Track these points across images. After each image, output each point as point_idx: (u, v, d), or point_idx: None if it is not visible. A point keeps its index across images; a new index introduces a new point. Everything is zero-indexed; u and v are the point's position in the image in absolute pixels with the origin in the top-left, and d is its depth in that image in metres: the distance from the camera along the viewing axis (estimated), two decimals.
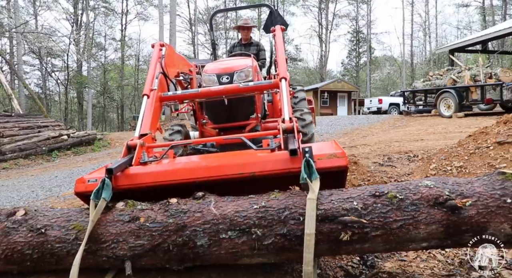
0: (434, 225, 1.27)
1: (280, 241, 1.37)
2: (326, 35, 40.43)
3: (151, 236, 1.44)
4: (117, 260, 1.46)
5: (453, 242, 1.29)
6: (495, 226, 1.23)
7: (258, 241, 1.38)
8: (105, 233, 1.48)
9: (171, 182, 1.71)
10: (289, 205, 1.41)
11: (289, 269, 1.94)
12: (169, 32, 20.65)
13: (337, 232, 1.33)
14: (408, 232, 1.29)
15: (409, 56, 42.16)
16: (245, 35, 4.75)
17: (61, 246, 1.49)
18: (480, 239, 1.24)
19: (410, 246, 1.32)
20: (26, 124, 11.37)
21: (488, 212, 1.24)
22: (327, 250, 1.37)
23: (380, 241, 1.31)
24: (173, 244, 1.43)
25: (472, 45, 15.24)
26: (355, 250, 1.37)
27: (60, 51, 27.14)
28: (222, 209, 1.46)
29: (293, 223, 1.37)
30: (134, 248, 1.44)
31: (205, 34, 40.36)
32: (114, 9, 34.99)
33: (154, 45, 3.09)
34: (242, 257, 1.43)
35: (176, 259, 1.45)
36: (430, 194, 1.31)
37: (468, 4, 36.51)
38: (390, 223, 1.30)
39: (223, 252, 1.42)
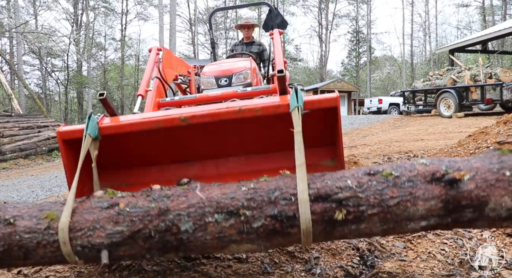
0: (433, 200, 1.22)
1: (271, 223, 1.28)
2: (326, 35, 40.44)
3: (131, 221, 1.33)
4: (92, 250, 1.34)
5: (453, 220, 1.23)
6: (495, 200, 1.18)
7: (246, 223, 1.29)
8: (81, 220, 1.36)
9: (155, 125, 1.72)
10: (279, 185, 1.33)
11: (289, 269, 1.94)
12: (169, 32, 20.65)
13: (331, 211, 1.26)
14: (406, 209, 1.23)
15: (409, 56, 42.18)
16: (246, 34, 4.76)
17: (31, 236, 1.35)
18: (481, 215, 1.20)
19: (408, 226, 1.26)
20: (26, 124, 11.37)
21: (487, 185, 1.19)
22: (321, 233, 1.29)
23: (377, 220, 1.25)
24: (155, 229, 1.32)
25: (472, 45, 15.25)
26: (351, 232, 1.30)
27: (60, 51, 27.15)
28: (208, 192, 1.37)
29: (284, 204, 1.29)
30: (112, 235, 1.33)
31: (205, 34, 40.39)
32: (114, 9, 35.02)
33: (151, 50, 3.10)
34: (230, 244, 1.33)
35: (158, 248, 1.34)
36: (426, 170, 1.26)
37: (468, 4, 36.55)
38: (386, 200, 1.24)
39: (209, 237, 1.31)
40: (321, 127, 1.78)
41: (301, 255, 2.10)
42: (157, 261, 2.06)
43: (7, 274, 2.04)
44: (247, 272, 1.75)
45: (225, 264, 2.01)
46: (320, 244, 2.21)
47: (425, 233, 2.32)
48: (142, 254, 1.36)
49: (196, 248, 1.35)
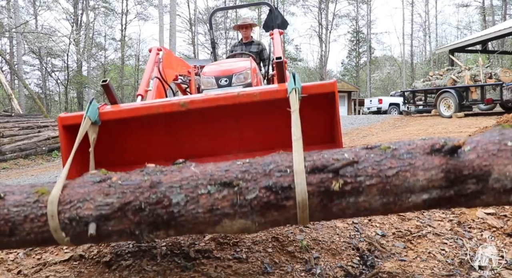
0: (433, 170, 1.17)
1: (265, 195, 1.24)
2: (326, 35, 40.43)
3: (122, 193, 1.29)
4: (80, 223, 1.29)
5: (456, 193, 1.17)
6: (499, 170, 1.13)
7: (240, 195, 1.24)
8: (72, 193, 1.33)
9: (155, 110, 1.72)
10: (275, 160, 1.30)
11: (289, 269, 1.94)
12: (169, 32, 20.65)
13: (328, 181, 1.22)
14: (406, 180, 1.18)
15: (409, 56, 42.18)
16: (245, 33, 4.76)
17: (19, 210, 1.31)
18: (485, 187, 1.14)
19: (410, 199, 1.20)
20: (26, 124, 11.37)
21: (489, 155, 1.15)
22: (318, 206, 1.24)
23: (376, 192, 1.20)
24: (145, 202, 1.27)
25: (472, 45, 15.25)
26: (349, 206, 1.24)
27: (60, 51, 27.14)
28: (202, 167, 1.34)
29: (279, 175, 1.25)
30: (101, 207, 1.28)
31: (205, 34, 40.39)
32: (114, 9, 35.00)
33: (151, 50, 3.10)
34: (223, 218, 1.27)
35: (148, 222, 1.29)
36: (425, 144, 1.23)
37: (468, 4, 36.54)
38: (385, 170, 1.19)
39: (200, 210, 1.26)
40: (319, 118, 1.77)
41: (301, 255, 2.10)
42: (157, 261, 2.06)
43: (7, 274, 2.04)
44: (247, 272, 1.75)
45: (225, 264, 2.01)
46: (320, 244, 2.21)
47: (425, 233, 2.32)
48: (131, 229, 1.30)
49: (187, 223, 1.29)
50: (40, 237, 1.32)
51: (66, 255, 2.21)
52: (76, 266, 2.10)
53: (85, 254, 2.20)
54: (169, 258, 2.10)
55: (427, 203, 1.21)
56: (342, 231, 2.41)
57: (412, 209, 1.25)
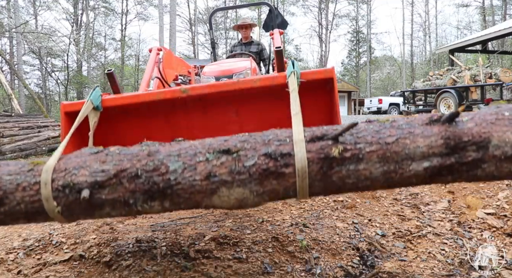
0: (433, 137, 1.18)
1: (264, 162, 1.22)
2: (326, 35, 40.43)
3: (119, 161, 1.27)
4: (73, 190, 1.25)
5: (457, 161, 1.17)
6: (498, 136, 1.14)
7: (239, 161, 1.23)
8: (68, 162, 1.29)
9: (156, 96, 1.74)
10: (274, 133, 1.30)
11: (289, 269, 1.94)
12: (169, 32, 20.64)
13: (327, 147, 1.21)
14: (406, 147, 1.18)
15: (409, 56, 42.18)
16: (244, 33, 4.76)
17: (12, 178, 1.28)
18: (486, 154, 1.14)
19: (410, 167, 1.19)
20: (26, 124, 11.37)
21: (487, 123, 1.16)
22: (317, 174, 1.22)
23: (376, 159, 1.19)
24: (142, 169, 1.25)
25: (472, 45, 15.24)
26: (350, 174, 1.22)
27: (60, 51, 27.14)
28: (201, 140, 1.33)
29: (278, 144, 1.24)
30: (96, 173, 1.25)
31: (205, 34, 40.39)
32: (114, 9, 35.00)
33: (151, 50, 3.10)
34: (220, 187, 1.24)
35: (143, 190, 1.25)
36: (423, 117, 1.25)
37: (468, 4, 36.53)
38: (384, 138, 1.20)
39: (198, 177, 1.23)
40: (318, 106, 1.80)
41: (301, 255, 2.10)
42: (157, 261, 2.06)
43: (7, 274, 2.04)
44: (247, 272, 1.75)
45: (225, 264, 2.01)
46: (320, 244, 2.21)
47: (425, 233, 2.32)
48: (126, 198, 1.26)
49: (183, 192, 1.26)
50: (30, 208, 1.28)
51: (66, 255, 2.21)
52: (76, 266, 2.10)
53: (85, 254, 2.20)
54: (169, 258, 2.10)
55: (429, 172, 1.20)
56: (342, 231, 2.41)
57: (414, 179, 1.22)
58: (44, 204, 1.26)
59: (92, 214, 1.30)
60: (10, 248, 2.37)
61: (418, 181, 1.23)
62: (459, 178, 1.22)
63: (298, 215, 2.73)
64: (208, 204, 1.28)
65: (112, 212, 1.30)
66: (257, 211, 2.87)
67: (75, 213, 1.29)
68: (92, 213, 1.29)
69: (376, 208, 2.82)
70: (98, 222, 2.89)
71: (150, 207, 1.27)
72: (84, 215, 1.31)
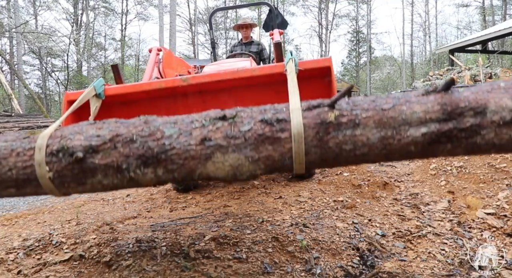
0: (429, 103, 1.18)
1: (261, 127, 1.22)
2: (326, 35, 40.43)
3: (115, 127, 1.27)
4: (66, 154, 1.23)
5: (455, 127, 1.16)
6: (495, 102, 1.14)
7: (234, 126, 1.23)
8: (65, 130, 1.29)
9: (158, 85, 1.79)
10: (272, 105, 1.31)
11: (289, 269, 1.94)
12: (169, 32, 20.64)
13: (323, 113, 1.21)
14: (402, 113, 1.18)
15: (409, 56, 42.17)
16: (245, 33, 4.76)
17: (7, 144, 1.28)
18: (484, 120, 1.13)
19: (408, 133, 1.18)
20: (26, 124, 11.38)
21: (483, 92, 1.17)
22: (313, 140, 1.21)
23: (373, 124, 1.18)
24: (138, 134, 1.24)
25: (472, 45, 15.25)
26: (346, 140, 1.20)
27: (60, 51, 27.14)
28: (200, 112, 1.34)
29: (274, 112, 1.25)
30: (91, 138, 1.24)
31: (205, 34, 40.38)
32: (114, 9, 35.00)
33: (151, 50, 3.11)
34: (215, 152, 1.22)
35: (138, 155, 1.24)
36: (419, 90, 1.25)
37: (468, 4, 36.53)
38: (381, 105, 1.20)
39: (192, 142, 1.22)
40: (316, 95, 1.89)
41: (301, 255, 2.10)
42: (157, 261, 2.06)
43: (7, 274, 2.05)
44: (247, 272, 1.75)
45: (225, 264, 2.01)
46: (320, 244, 2.21)
47: (425, 233, 2.32)
48: (119, 163, 1.24)
49: (177, 158, 1.24)
50: (22, 174, 1.26)
51: (66, 255, 2.21)
52: (76, 266, 2.10)
53: (85, 254, 2.20)
54: (169, 258, 2.10)
55: (427, 138, 1.18)
56: (342, 231, 2.41)
57: (413, 147, 1.20)
58: (36, 169, 1.24)
59: (84, 182, 1.27)
60: (10, 248, 2.37)
61: (417, 149, 1.21)
62: (458, 147, 1.19)
63: (298, 215, 2.73)
64: (203, 171, 1.25)
65: (104, 180, 1.26)
66: (257, 211, 2.87)
67: (66, 181, 1.26)
68: (84, 182, 1.27)
69: (376, 208, 2.82)
70: (98, 222, 2.89)
71: (143, 174, 1.25)
72: (75, 184, 1.27)
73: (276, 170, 1.28)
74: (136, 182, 1.27)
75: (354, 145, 1.21)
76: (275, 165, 1.25)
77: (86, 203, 3.95)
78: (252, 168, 1.24)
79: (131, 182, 1.27)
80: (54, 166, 1.24)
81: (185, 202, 3.47)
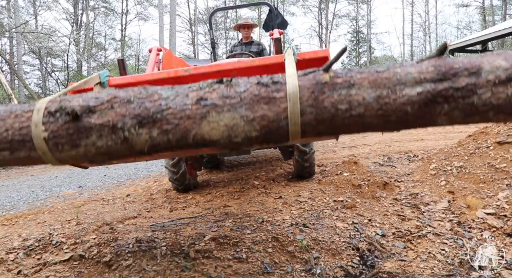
0: (424, 65, 1.22)
1: (256, 88, 1.26)
2: (326, 35, 40.42)
3: (114, 92, 1.32)
4: (62, 114, 1.27)
5: (450, 86, 1.19)
6: (489, 62, 1.17)
7: (230, 87, 1.27)
8: (66, 97, 1.35)
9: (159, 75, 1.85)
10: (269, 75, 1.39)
11: (289, 269, 1.94)
12: (169, 32, 20.64)
13: (318, 75, 1.25)
14: (397, 74, 1.21)
15: (409, 56, 42.16)
16: (245, 33, 4.77)
17: (8, 109, 1.34)
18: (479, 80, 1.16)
19: (404, 92, 1.20)
20: None
21: (477, 57, 1.21)
22: (309, 99, 1.23)
23: (368, 84, 1.21)
24: (135, 96, 1.28)
25: (472, 45, 15.25)
26: (342, 100, 1.23)
27: (60, 51, 27.12)
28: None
29: (270, 77, 1.32)
30: (89, 99, 1.29)
31: (205, 34, 40.38)
32: (114, 9, 35.01)
33: (151, 50, 3.11)
34: (210, 112, 1.25)
35: (133, 115, 1.27)
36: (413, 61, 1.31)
37: (468, 4, 36.54)
38: (375, 69, 1.25)
39: (188, 102, 1.26)
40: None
41: (301, 255, 2.10)
42: (157, 261, 2.06)
43: (7, 274, 2.05)
44: (247, 272, 1.75)
45: (225, 264, 2.01)
46: (320, 244, 2.21)
47: (425, 233, 2.32)
48: (114, 122, 1.26)
49: (173, 118, 1.26)
50: (17, 135, 1.28)
51: (66, 255, 2.22)
52: (76, 266, 2.10)
53: (85, 254, 2.20)
54: (169, 258, 2.10)
55: (423, 97, 1.19)
56: (342, 231, 2.41)
57: (409, 108, 1.21)
58: (32, 130, 1.27)
59: (78, 144, 1.28)
60: (10, 248, 2.37)
61: (413, 110, 1.21)
62: (456, 109, 1.20)
63: (298, 215, 2.73)
64: (197, 133, 1.26)
65: (98, 142, 1.28)
66: (257, 211, 2.87)
67: (60, 142, 1.27)
68: (78, 143, 1.28)
69: (376, 208, 2.82)
70: (98, 222, 2.89)
71: (137, 135, 1.26)
72: (69, 146, 1.29)
73: (272, 133, 1.29)
74: (130, 144, 1.28)
75: (349, 104, 1.22)
76: (270, 126, 1.26)
77: (86, 203, 3.95)
78: (247, 129, 1.26)
79: (125, 144, 1.28)
80: (50, 126, 1.27)
81: (185, 202, 3.47)
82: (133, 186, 4.82)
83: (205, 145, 1.30)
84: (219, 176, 4.64)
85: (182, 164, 3.56)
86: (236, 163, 5.50)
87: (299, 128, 1.25)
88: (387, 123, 1.27)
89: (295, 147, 3.51)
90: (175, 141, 1.29)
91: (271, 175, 4.20)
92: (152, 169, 6.30)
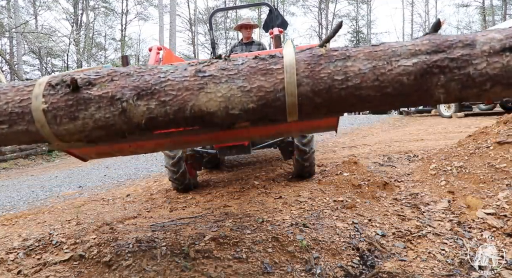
0: (418, 39, 1.25)
1: (254, 61, 1.29)
2: (326, 35, 40.42)
3: (115, 68, 1.36)
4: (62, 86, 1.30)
5: (446, 57, 1.19)
6: (483, 36, 1.20)
7: (229, 62, 1.30)
8: (65, 74, 1.40)
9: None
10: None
11: (289, 269, 1.94)
12: (169, 32, 20.64)
13: (315, 49, 1.29)
14: (392, 48, 1.24)
15: None
16: (246, 34, 4.77)
17: (11, 84, 1.38)
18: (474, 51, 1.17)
19: (399, 63, 1.20)
20: None
21: (470, 33, 1.23)
22: (305, 71, 1.24)
23: (363, 57, 1.22)
24: (135, 71, 1.31)
25: None
26: (338, 71, 1.23)
27: (60, 51, 27.13)
28: None
29: (269, 57, 1.32)
30: (90, 74, 1.33)
31: (205, 34, 40.38)
32: (114, 9, 35.00)
33: (151, 49, 3.11)
34: (208, 83, 1.26)
35: (132, 86, 1.27)
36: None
37: (468, 4, 36.54)
38: (370, 46, 1.27)
39: (187, 74, 1.27)
40: None
41: (301, 255, 2.10)
42: (157, 261, 2.06)
43: (7, 274, 2.05)
44: (247, 272, 1.75)
45: (225, 264, 2.01)
46: (320, 244, 2.21)
47: (425, 233, 2.32)
48: (113, 93, 1.27)
49: (171, 89, 1.27)
50: (17, 107, 1.29)
51: (66, 255, 2.22)
52: (76, 266, 2.10)
53: (85, 254, 2.20)
54: (169, 258, 2.10)
55: (419, 67, 1.19)
56: (342, 231, 2.41)
57: (405, 78, 1.20)
58: (32, 102, 1.28)
59: (76, 117, 1.28)
60: (10, 248, 2.37)
61: (409, 81, 1.20)
62: (452, 80, 1.19)
63: (298, 215, 2.73)
64: (195, 104, 1.26)
65: (96, 113, 1.28)
66: (257, 211, 2.87)
67: (59, 114, 1.27)
68: (76, 116, 1.28)
69: (376, 208, 2.82)
70: (98, 222, 2.89)
71: (135, 105, 1.26)
72: (67, 119, 1.28)
73: (269, 106, 1.28)
74: (128, 116, 1.28)
75: (345, 75, 1.22)
76: (267, 98, 1.26)
77: (86, 203, 3.95)
78: (244, 100, 1.26)
79: (122, 116, 1.28)
80: (50, 98, 1.28)
81: (185, 202, 3.47)
82: (133, 186, 4.82)
83: (202, 118, 1.29)
84: (219, 176, 4.64)
85: (182, 163, 3.56)
86: (236, 162, 5.51)
87: (295, 99, 1.24)
88: (384, 97, 1.25)
89: (295, 146, 3.52)
90: (172, 113, 1.28)
91: (271, 175, 4.20)
92: (152, 169, 6.30)
